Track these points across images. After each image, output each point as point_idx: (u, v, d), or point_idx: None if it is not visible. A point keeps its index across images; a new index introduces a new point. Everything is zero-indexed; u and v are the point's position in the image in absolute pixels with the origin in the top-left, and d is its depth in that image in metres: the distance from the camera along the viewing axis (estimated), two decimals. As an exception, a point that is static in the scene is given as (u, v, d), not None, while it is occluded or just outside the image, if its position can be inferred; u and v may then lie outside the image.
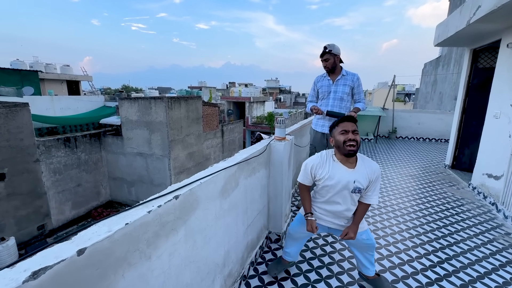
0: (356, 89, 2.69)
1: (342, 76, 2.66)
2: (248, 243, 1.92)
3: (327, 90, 2.72)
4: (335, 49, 2.56)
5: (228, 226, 1.56)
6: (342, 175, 1.55)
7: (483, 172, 3.49)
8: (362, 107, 2.69)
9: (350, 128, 1.53)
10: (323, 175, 1.59)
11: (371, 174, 1.56)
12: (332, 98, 2.69)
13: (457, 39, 3.95)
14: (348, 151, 1.50)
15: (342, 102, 2.67)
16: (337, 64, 2.61)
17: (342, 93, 2.64)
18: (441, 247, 2.36)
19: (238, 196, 1.66)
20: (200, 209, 1.23)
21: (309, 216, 1.65)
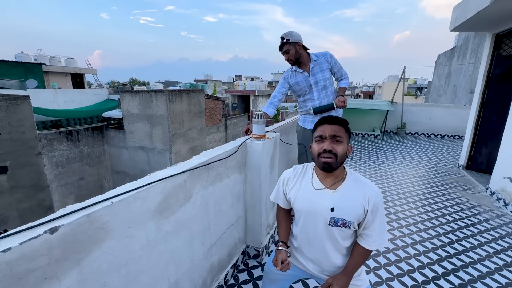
0: (334, 67, 2.32)
1: (314, 62, 2.25)
2: (213, 264, 1.57)
3: (306, 84, 2.29)
4: (294, 37, 2.15)
5: (175, 251, 1.21)
6: (316, 198, 1.07)
7: (504, 175, 3.02)
8: (348, 84, 2.38)
9: (328, 133, 1.05)
10: (291, 194, 1.15)
11: (365, 203, 1.03)
12: (316, 90, 2.29)
13: (477, 21, 3.43)
14: (322, 165, 1.04)
15: (328, 90, 2.31)
16: (301, 53, 2.19)
17: (324, 80, 2.26)
18: (454, 269, 1.96)
19: (192, 211, 1.31)
20: (113, 239, 0.88)
21: (280, 245, 1.14)
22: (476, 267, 1.98)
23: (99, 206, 0.83)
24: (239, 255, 1.91)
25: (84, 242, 0.79)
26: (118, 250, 0.90)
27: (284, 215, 1.25)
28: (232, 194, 1.72)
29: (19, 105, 7.57)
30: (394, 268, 1.96)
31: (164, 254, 1.14)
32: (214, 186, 1.48)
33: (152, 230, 1.05)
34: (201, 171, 1.34)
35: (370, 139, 6.69)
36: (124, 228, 0.92)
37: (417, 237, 2.37)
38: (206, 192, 1.41)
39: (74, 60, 20.45)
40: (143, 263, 1.02)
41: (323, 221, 1.06)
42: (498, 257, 2.11)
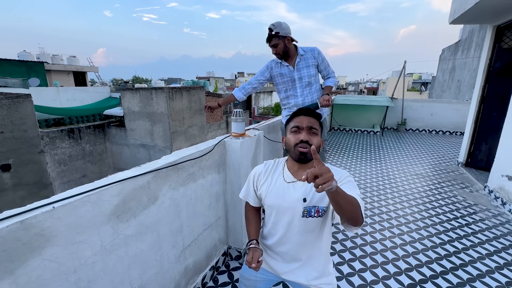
0: (321, 65, 2.21)
1: (301, 57, 2.15)
2: (187, 267, 1.53)
3: (289, 78, 2.19)
4: (283, 30, 2.03)
5: (139, 255, 1.16)
6: (287, 191, 1.03)
7: (502, 173, 2.91)
8: (334, 83, 2.26)
9: (305, 124, 1.03)
10: (262, 189, 1.09)
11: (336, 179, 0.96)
12: (299, 86, 2.20)
13: (476, 13, 3.29)
14: (299, 156, 1.00)
15: (312, 87, 2.21)
16: (289, 47, 2.09)
17: (309, 77, 2.17)
18: (443, 271, 1.88)
19: (159, 213, 1.26)
20: (56, 245, 0.83)
21: (253, 244, 1.05)
22: (467, 270, 1.90)
23: (37, 211, 0.78)
24: (219, 257, 1.86)
25: (18, 250, 0.74)
26: (64, 257, 0.86)
27: (254, 213, 1.18)
28: (210, 195, 1.67)
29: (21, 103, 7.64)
30: (391, 266, 1.91)
31: (124, 259, 1.09)
32: (186, 187, 1.43)
33: (108, 234, 1.00)
34: (169, 171, 1.29)
35: (370, 135, 6.57)
36: (71, 234, 0.87)
37: (415, 235, 2.30)
38: (176, 193, 1.36)
39: (76, 58, 20.53)
40: (97, 269, 0.97)
41: (296, 214, 1.01)
42: (491, 258, 2.02)
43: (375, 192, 3.21)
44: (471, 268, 1.91)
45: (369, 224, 2.48)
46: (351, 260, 1.97)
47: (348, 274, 1.83)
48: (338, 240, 2.23)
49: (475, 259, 2.01)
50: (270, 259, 1.13)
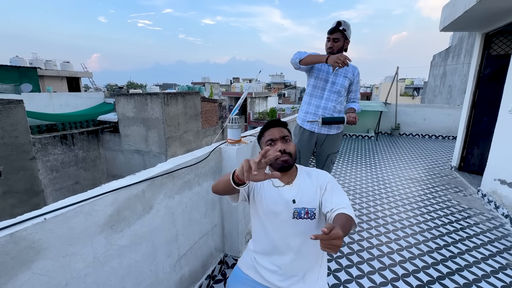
0: (354, 86, 2.19)
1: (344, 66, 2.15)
2: (183, 277, 1.50)
3: (325, 78, 2.13)
4: (349, 31, 2.02)
5: (133, 266, 1.13)
6: (278, 195, 1.06)
7: (495, 177, 2.96)
8: (358, 108, 2.20)
9: (277, 135, 1.10)
10: (255, 191, 1.10)
11: (319, 187, 1.07)
12: (329, 90, 2.15)
13: (466, 21, 3.38)
14: (281, 166, 1.06)
15: (339, 97, 2.16)
16: (343, 50, 2.06)
17: (341, 86, 2.12)
18: (439, 277, 1.88)
19: (154, 222, 1.23)
20: (47, 258, 0.80)
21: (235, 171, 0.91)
22: (463, 275, 1.90)
23: (28, 223, 0.76)
24: (215, 265, 1.83)
25: (7, 265, 0.71)
26: (55, 270, 0.83)
27: None
28: (206, 202, 1.65)
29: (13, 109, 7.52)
30: (388, 272, 1.90)
31: (118, 271, 1.06)
32: (181, 194, 1.41)
33: (101, 246, 0.98)
34: (164, 179, 1.27)
35: (364, 140, 6.63)
36: (63, 246, 0.85)
37: (411, 239, 2.29)
38: (171, 202, 1.34)
39: (70, 63, 20.38)
40: (90, 281, 0.95)
41: (287, 216, 1.05)
42: (486, 262, 2.04)
43: (371, 197, 3.22)
44: (467, 273, 1.92)
45: (365, 229, 2.48)
46: (348, 267, 1.96)
47: (346, 281, 1.82)
48: (345, 243, 2.22)
49: (470, 264, 2.02)
50: (261, 269, 1.13)
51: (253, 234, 1.18)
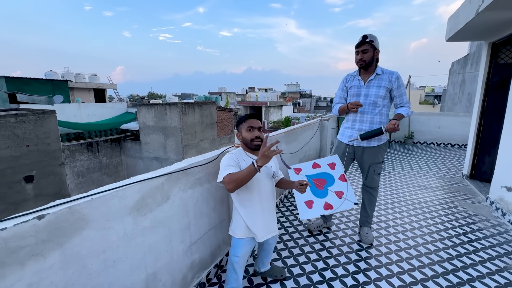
0: (395, 91, 2.17)
1: (376, 76, 2.17)
2: (194, 262, 1.73)
3: (356, 92, 2.23)
4: (376, 42, 2.10)
5: (153, 245, 1.39)
6: None
7: (502, 185, 2.98)
8: (407, 113, 2.15)
9: (256, 125, 1.64)
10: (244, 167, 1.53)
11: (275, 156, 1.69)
12: (363, 103, 2.20)
13: (469, 31, 3.47)
14: (255, 146, 1.62)
15: (376, 108, 2.18)
16: (374, 60, 2.14)
17: (376, 96, 2.15)
18: (433, 275, 1.98)
19: (170, 211, 1.49)
20: (92, 228, 1.07)
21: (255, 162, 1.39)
22: (458, 275, 1.99)
23: (80, 201, 1.03)
24: (223, 256, 2.05)
25: (66, 229, 0.98)
26: (96, 239, 1.09)
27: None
28: (215, 198, 1.89)
29: (46, 119, 8.29)
30: (395, 280, 2.02)
31: (141, 247, 1.32)
32: (193, 189, 1.66)
33: (129, 224, 1.24)
34: (180, 175, 1.53)
35: (376, 148, 6.65)
36: (103, 220, 1.11)
37: (403, 244, 2.39)
38: (185, 195, 1.59)
39: (97, 76, 21.87)
40: (120, 252, 1.20)
41: (267, 177, 1.67)
42: (483, 265, 2.10)
43: (382, 206, 3.29)
44: (462, 273, 2.00)
45: (384, 235, 2.52)
46: (355, 273, 1.99)
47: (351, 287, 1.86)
48: (354, 250, 2.27)
49: (467, 265, 2.09)
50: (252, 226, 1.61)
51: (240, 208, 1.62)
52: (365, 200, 2.45)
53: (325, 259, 2.17)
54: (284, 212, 3.02)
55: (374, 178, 2.33)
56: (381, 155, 2.30)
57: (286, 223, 2.76)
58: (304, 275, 1.98)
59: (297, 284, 1.89)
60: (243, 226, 1.62)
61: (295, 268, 2.06)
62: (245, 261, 1.69)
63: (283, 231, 2.61)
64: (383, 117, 2.23)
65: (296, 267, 2.08)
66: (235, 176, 1.43)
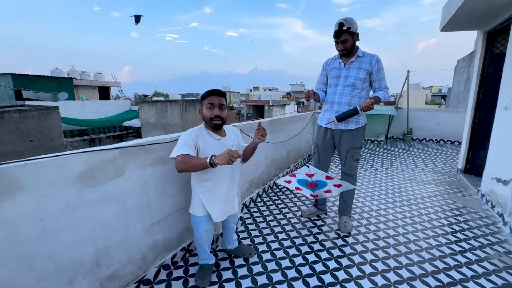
0: (375, 75, 2.12)
1: (357, 58, 2.13)
2: (156, 243, 1.69)
3: (336, 74, 2.18)
4: (354, 26, 2.00)
5: (104, 220, 1.35)
6: (221, 144, 1.60)
7: (492, 176, 2.86)
8: (383, 96, 2.10)
9: (216, 102, 1.57)
10: (205, 147, 1.55)
11: (238, 137, 1.82)
12: (342, 85, 2.16)
13: (463, 19, 3.36)
14: (215, 125, 1.59)
15: (354, 90, 2.13)
16: (355, 44, 2.08)
17: (355, 78, 2.10)
18: (408, 263, 1.90)
19: (126, 186, 1.46)
20: (26, 194, 1.04)
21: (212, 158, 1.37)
22: (434, 264, 1.91)
23: (12, 164, 1.00)
24: (192, 240, 2.01)
25: (-7, 191, 0.96)
26: (32, 206, 1.07)
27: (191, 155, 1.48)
28: (181, 179, 1.85)
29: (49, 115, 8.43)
30: (367, 267, 1.95)
31: (89, 220, 1.29)
32: (154, 167, 1.63)
33: (73, 195, 1.21)
34: (136, 151, 1.50)
35: (373, 145, 6.53)
36: (39, 187, 1.08)
37: (392, 239, 2.31)
38: (144, 172, 1.56)
39: (102, 74, 22.13)
40: (62, 222, 1.18)
41: None
42: (463, 255, 2.01)
43: (368, 197, 3.22)
44: (437, 262, 1.92)
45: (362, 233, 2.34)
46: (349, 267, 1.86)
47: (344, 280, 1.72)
48: (348, 244, 2.15)
49: (446, 255, 2.01)
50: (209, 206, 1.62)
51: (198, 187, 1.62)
52: None
53: (299, 246, 2.12)
54: (267, 202, 2.97)
55: (352, 164, 2.27)
56: (359, 140, 2.24)
57: (266, 212, 2.71)
58: (274, 261, 1.93)
59: (264, 268, 1.84)
60: (201, 205, 1.62)
61: (266, 254, 2.01)
62: (208, 236, 1.71)
63: (264, 220, 2.56)
64: (362, 100, 2.17)
65: (267, 253, 2.03)
66: (187, 162, 1.41)
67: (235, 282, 1.70)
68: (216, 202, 1.63)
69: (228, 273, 1.79)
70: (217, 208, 1.63)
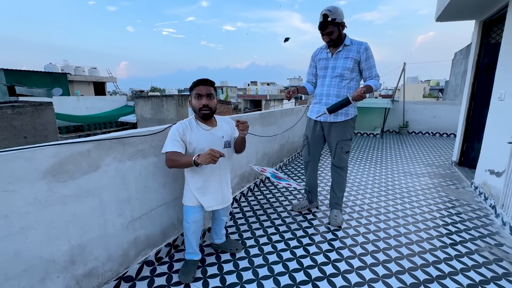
0: (364, 63, 2.02)
1: (344, 47, 2.03)
2: (138, 239, 1.65)
3: (324, 65, 2.11)
4: (340, 16, 1.91)
5: (78, 216, 1.30)
6: (211, 135, 1.58)
7: (485, 168, 2.83)
8: (375, 85, 2.00)
9: (204, 92, 1.53)
10: (192, 139, 1.52)
11: (231, 127, 1.73)
12: (329, 75, 2.08)
13: (457, 8, 3.28)
14: (203, 115, 1.55)
15: (342, 81, 2.05)
16: (342, 34, 1.99)
17: (342, 68, 2.02)
18: (398, 257, 1.87)
19: (102, 181, 1.40)
20: (-14, 190, 0.98)
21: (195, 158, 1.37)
22: (424, 257, 1.87)
23: (-31, 157, 0.94)
24: (178, 235, 1.96)
25: None
26: (-6, 201, 1.01)
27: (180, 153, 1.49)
28: (165, 173, 1.79)
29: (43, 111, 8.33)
30: (356, 261, 1.92)
31: (61, 216, 1.23)
32: (134, 161, 1.57)
33: (42, 190, 1.15)
34: (113, 144, 1.43)
35: (369, 138, 6.49)
36: (3, 183, 1.02)
37: (383, 232, 2.28)
38: (122, 166, 1.50)
39: (97, 69, 21.85)
40: (30, 219, 1.12)
41: (220, 147, 1.59)
42: (454, 247, 1.98)
43: (361, 190, 3.19)
44: (429, 255, 1.89)
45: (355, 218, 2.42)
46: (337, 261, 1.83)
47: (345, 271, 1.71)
48: (338, 238, 2.10)
49: (436, 247, 1.98)
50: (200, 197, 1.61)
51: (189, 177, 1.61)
52: (334, 180, 2.34)
53: (288, 241, 2.08)
54: (258, 196, 2.92)
55: (342, 156, 2.22)
56: (349, 131, 2.19)
57: (256, 206, 2.67)
58: (261, 256, 1.89)
59: (251, 263, 1.80)
60: (191, 195, 1.62)
61: (253, 249, 1.97)
62: (197, 228, 1.68)
63: (253, 213, 2.52)
64: (351, 91, 2.10)
65: (255, 248, 1.99)
66: (175, 160, 1.44)
67: (219, 278, 1.66)
68: (207, 192, 1.62)
69: (214, 269, 1.75)
70: (208, 198, 1.63)
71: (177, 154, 1.45)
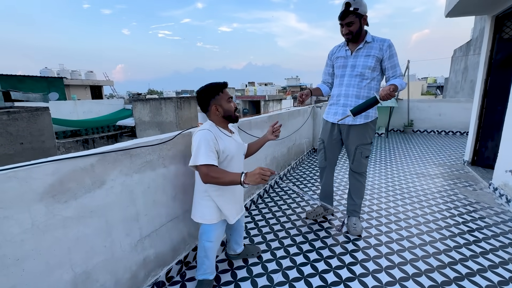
0: (387, 62, 1.86)
1: (365, 44, 1.88)
2: (147, 259, 1.49)
3: (343, 64, 1.96)
4: (363, 7, 1.76)
5: (82, 239, 1.15)
6: (234, 141, 1.53)
7: (506, 169, 2.71)
8: (400, 84, 1.80)
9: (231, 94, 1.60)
10: (221, 147, 1.42)
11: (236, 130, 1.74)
12: (349, 75, 1.94)
13: (469, 3, 3.16)
14: (235, 118, 1.52)
15: (363, 81, 1.90)
16: (363, 28, 1.84)
17: (363, 67, 1.87)
18: (428, 269, 1.73)
19: (108, 198, 1.25)
20: (-26, 218, 0.83)
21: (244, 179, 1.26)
22: (455, 268, 1.74)
23: (-49, 181, 0.79)
24: (189, 251, 1.82)
25: None
26: (-17, 231, 0.86)
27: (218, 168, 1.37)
28: (174, 186, 1.65)
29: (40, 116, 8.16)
30: (383, 275, 1.78)
31: (63, 241, 1.08)
32: (142, 174, 1.42)
33: (40, 213, 1.00)
34: (119, 156, 1.29)
35: (374, 138, 6.37)
36: (-7, 208, 0.87)
37: (406, 241, 2.14)
38: (129, 180, 1.35)
39: (93, 73, 21.62)
40: (27, 248, 0.97)
41: (241, 154, 1.60)
42: (485, 256, 1.85)
43: (376, 194, 3.04)
44: (461, 266, 1.75)
45: (374, 226, 2.29)
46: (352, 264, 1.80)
47: (348, 279, 1.66)
48: (339, 243, 2.04)
49: (467, 257, 1.84)
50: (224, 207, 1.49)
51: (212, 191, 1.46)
52: (352, 187, 2.20)
53: (306, 253, 1.94)
54: (268, 203, 2.78)
55: (361, 161, 2.07)
56: (369, 135, 2.04)
57: (268, 214, 2.52)
58: (280, 272, 1.74)
59: (270, 281, 1.66)
60: (215, 210, 1.50)
61: (271, 264, 1.82)
62: (219, 245, 1.60)
63: (269, 228, 2.37)
64: (372, 91, 1.95)
65: (272, 262, 1.84)
66: (217, 178, 1.30)
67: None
68: (232, 202, 1.55)
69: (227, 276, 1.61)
70: (232, 209, 1.55)
71: (217, 170, 1.32)
